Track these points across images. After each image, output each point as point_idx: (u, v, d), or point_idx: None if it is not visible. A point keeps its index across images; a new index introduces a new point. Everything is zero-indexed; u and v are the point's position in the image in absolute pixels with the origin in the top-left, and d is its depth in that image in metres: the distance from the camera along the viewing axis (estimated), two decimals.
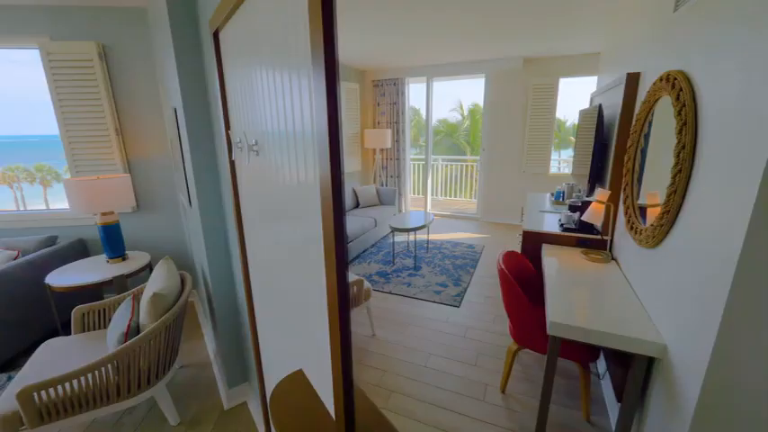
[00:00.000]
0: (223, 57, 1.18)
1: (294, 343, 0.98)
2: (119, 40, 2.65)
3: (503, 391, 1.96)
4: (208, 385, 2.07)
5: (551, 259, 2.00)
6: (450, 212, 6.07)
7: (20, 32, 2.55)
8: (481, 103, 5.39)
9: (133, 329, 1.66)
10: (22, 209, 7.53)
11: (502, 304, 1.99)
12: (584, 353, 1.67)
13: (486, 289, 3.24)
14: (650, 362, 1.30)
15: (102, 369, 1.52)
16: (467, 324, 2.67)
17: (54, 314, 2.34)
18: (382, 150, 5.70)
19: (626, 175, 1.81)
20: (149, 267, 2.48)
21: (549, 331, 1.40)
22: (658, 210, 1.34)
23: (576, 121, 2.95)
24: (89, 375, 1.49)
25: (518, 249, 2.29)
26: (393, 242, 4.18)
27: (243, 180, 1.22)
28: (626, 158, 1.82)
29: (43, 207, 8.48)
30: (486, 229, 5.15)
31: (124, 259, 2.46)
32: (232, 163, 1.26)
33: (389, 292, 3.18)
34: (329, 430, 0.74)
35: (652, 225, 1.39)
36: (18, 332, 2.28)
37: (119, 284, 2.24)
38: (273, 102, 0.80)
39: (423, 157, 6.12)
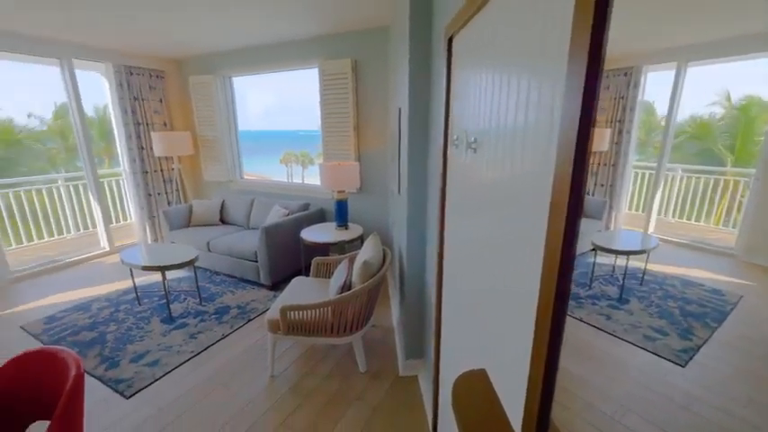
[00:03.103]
0: (453, 60, 1.28)
1: (480, 341, 0.99)
2: (365, 55, 3.31)
3: None
4: (389, 349, 2.40)
5: None
6: (685, 240, 4.58)
7: (308, 57, 3.57)
8: (763, 95, 3.72)
9: (347, 285, 2.10)
10: (290, 181, 10.69)
11: (766, 385, 1.37)
12: None
13: (738, 356, 2.30)
14: None
15: (325, 309, 2.00)
16: (693, 392, 1.98)
17: (301, 259, 3.24)
18: (594, 153, 4.85)
19: None
20: (361, 239, 3.06)
21: None
22: None
23: None
24: (318, 310, 2.00)
25: None
26: (594, 262, 3.54)
27: (452, 175, 1.30)
28: None
29: (300, 181, 11.83)
30: (749, 274, 3.62)
31: (346, 228, 3.13)
32: (445, 158, 1.37)
33: (580, 319, 2.74)
34: None
35: None
36: (283, 266, 3.31)
37: (340, 247, 2.88)
38: (504, 101, 0.81)
39: (652, 164, 4.83)
